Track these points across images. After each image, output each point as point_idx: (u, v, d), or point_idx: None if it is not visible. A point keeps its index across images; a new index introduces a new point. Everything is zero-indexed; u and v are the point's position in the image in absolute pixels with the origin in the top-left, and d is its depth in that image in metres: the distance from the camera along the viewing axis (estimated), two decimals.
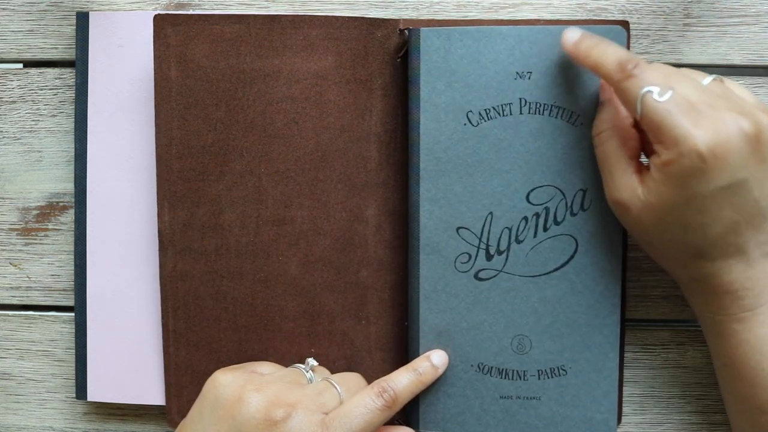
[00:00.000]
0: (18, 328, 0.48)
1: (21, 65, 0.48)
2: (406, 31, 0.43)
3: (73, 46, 0.47)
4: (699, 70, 0.39)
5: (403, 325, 0.45)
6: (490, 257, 0.42)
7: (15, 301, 0.48)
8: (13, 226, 0.48)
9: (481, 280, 0.43)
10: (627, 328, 0.46)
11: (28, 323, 0.48)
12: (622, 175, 0.38)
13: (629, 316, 0.46)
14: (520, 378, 0.43)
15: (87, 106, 0.46)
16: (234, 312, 0.44)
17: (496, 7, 0.46)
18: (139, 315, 0.46)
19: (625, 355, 0.45)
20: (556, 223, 0.42)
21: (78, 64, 0.46)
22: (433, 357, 0.43)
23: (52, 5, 0.47)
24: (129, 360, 0.46)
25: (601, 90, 0.41)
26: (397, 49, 0.44)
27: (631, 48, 0.45)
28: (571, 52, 0.39)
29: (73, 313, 0.47)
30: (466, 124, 0.42)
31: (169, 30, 0.43)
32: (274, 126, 0.44)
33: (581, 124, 0.42)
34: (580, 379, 0.43)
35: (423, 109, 0.42)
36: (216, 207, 0.44)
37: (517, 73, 0.42)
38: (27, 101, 0.48)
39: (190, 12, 0.46)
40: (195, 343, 0.45)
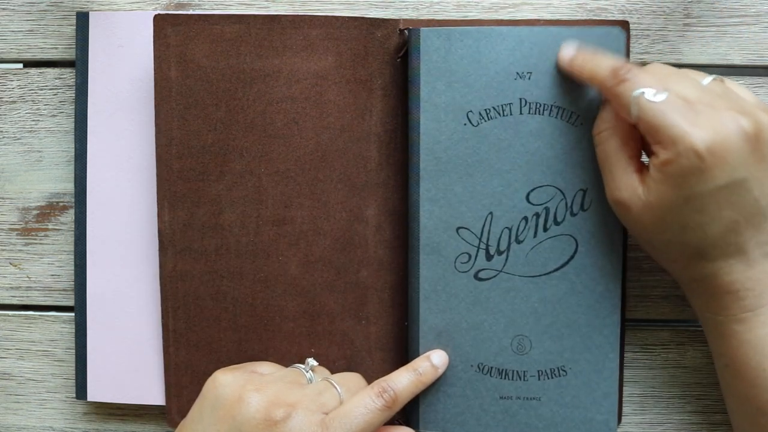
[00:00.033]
0: (18, 328, 0.48)
1: (21, 65, 0.48)
2: (406, 31, 0.43)
3: (73, 46, 0.47)
4: (699, 70, 0.39)
5: (403, 325, 0.45)
6: (490, 257, 0.42)
7: (15, 301, 0.48)
8: (13, 226, 0.48)
9: (481, 280, 0.43)
10: (627, 328, 0.46)
11: (28, 323, 0.48)
12: (622, 174, 0.38)
13: (629, 316, 0.46)
14: (520, 378, 0.43)
15: (87, 106, 0.46)
16: (234, 312, 0.44)
17: (496, 7, 0.46)
18: (139, 315, 0.46)
19: (625, 355, 0.45)
20: (556, 223, 0.42)
21: (78, 64, 0.46)
22: (433, 357, 0.43)
23: (52, 5, 0.47)
24: (129, 360, 0.46)
25: None
26: (397, 49, 0.44)
27: (631, 48, 0.45)
28: (567, 67, 0.40)
29: (73, 313, 0.47)
30: (466, 124, 0.42)
31: (169, 30, 0.43)
32: (274, 126, 0.44)
33: (581, 124, 0.42)
34: (580, 379, 0.43)
35: (423, 109, 0.42)
36: (216, 207, 0.44)
37: (517, 74, 0.42)
38: (27, 101, 0.48)
39: (190, 12, 0.46)
40: (195, 343, 0.45)
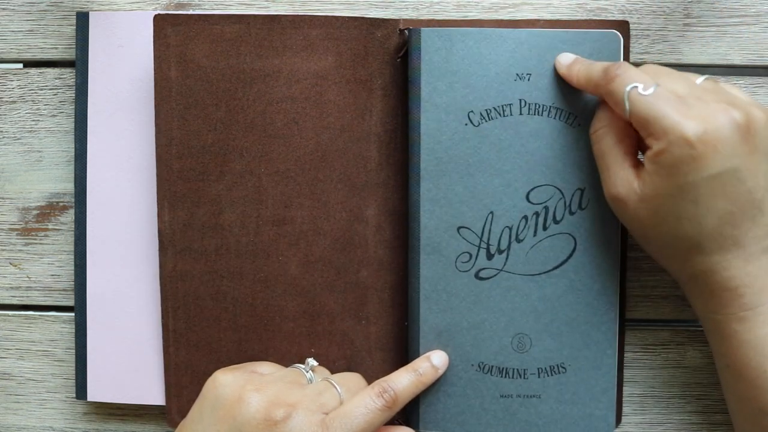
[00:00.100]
0: (18, 328, 0.48)
1: (21, 65, 0.48)
2: (406, 31, 0.43)
3: (73, 46, 0.47)
4: (699, 70, 0.39)
5: (403, 325, 0.45)
6: (490, 256, 0.42)
7: (15, 301, 0.48)
8: (13, 226, 0.48)
9: (481, 279, 0.43)
10: (627, 328, 0.46)
11: (28, 323, 0.48)
12: (619, 170, 0.38)
13: (629, 316, 0.46)
14: (521, 376, 0.43)
15: (87, 106, 0.46)
16: (234, 312, 0.44)
17: (496, 7, 0.46)
18: (139, 315, 0.46)
19: (625, 355, 0.45)
20: (555, 221, 0.42)
21: (78, 64, 0.46)
22: (433, 357, 0.43)
23: (52, 5, 0.47)
24: (129, 360, 0.46)
25: None
26: (397, 49, 0.44)
27: (631, 48, 0.45)
28: (564, 76, 0.41)
29: (73, 313, 0.47)
30: (467, 124, 0.42)
31: (169, 30, 0.43)
32: (274, 126, 0.44)
33: (578, 125, 0.42)
34: (579, 376, 0.43)
35: (423, 109, 0.42)
36: (216, 207, 0.44)
37: (517, 75, 0.42)
38: (27, 101, 0.48)
39: (190, 12, 0.46)
40: (195, 343, 0.45)
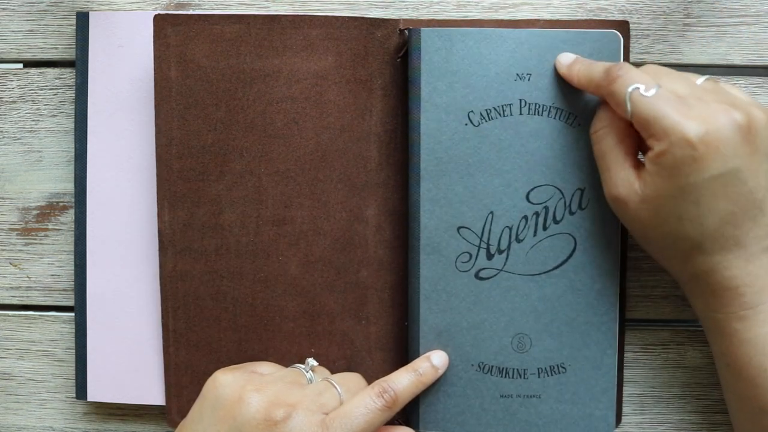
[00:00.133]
0: (18, 328, 0.48)
1: (21, 65, 0.48)
2: (406, 31, 0.43)
3: (73, 46, 0.47)
4: (699, 70, 0.39)
5: (403, 325, 0.45)
6: (490, 256, 0.42)
7: (15, 301, 0.48)
8: (13, 226, 0.48)
9: (481, 279, 0.43)
10: (627, 328, 0.46)
11: (28, 323, 0.48)
12: (619, 170, 0.38)
13: (629, 316, 0.46)
14: (521, 376, 0.43)
15: (87, 106, 0.46)
16: (234, 312, 0.44)
17: (496, 7, 0.46)
18: (139, 315, 0.46)
19: (625, 355, 0.45)
20: (555, 221, 0.42)
21: (78, 64, 0.46)
22: (433, 357, 0.43)
23: (52, 5, 0.47)
24: (129, 360, 0.46)
25: None
26: (397, 49, 0.44)
27: (631, 48, 0.45)
28: (565, 76, 0.41)
29: (73, 313, 0.47)
30: (467, 124, 0.42)
31: (169, 30, 0.43)
32: (274, 126, 0.44)
33: (578, 125, 0.42)
34: (579, 376, 0.43)
35: (423, 109, 0.42)
36: (216, 207, 0.44)
37: (517, 75, 0.42)
38: (27, 101, 0.48)
39: (190, 12, 0.46)
40: (195, 343, 0.45)
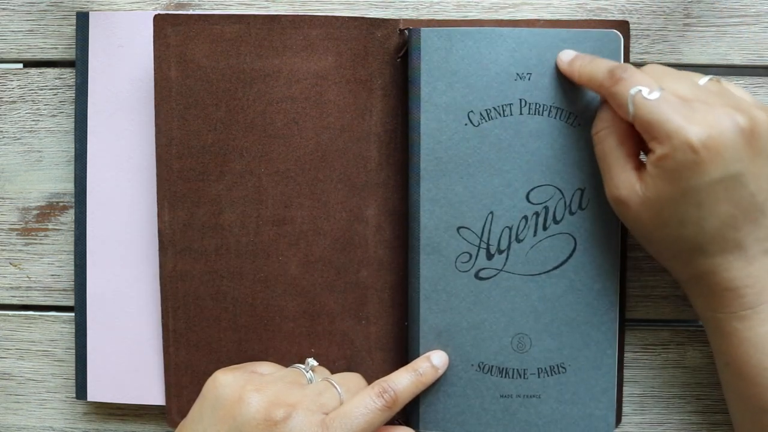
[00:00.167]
0: (18, 328, 0.48)
1: (21, 65, 0.48)
2: (406, 31, 0.43)
3: (73, 46, 0.47)
4: (699, 70, 0.39)
5: (403, 325, 0.45)
6: (490, 256, 0.42)
7: (15, 301, 0.48)
8: (13, 226, 0.48)
9: (481, 279, 0.43)
10: (627, 328, 0.46)
11: (28, 323, 0.48)
12: (620, 172, 0.38)
13: (629, 316, 0.46)
14: (520, 376, 0.43)
15: (87, 106, 0.46)
16: (234, 312, 0.44)
17: (496, 7, 0.46)
18: (139, 315, 0.46)
19: (625, 355, 0.45)
20: (556, 221, 0.42)
21: (78, 64, 0.46)
22: (433, 357, 0.43)
23: (52, 5, 0.47)
24: (129, 360, 0.46)
25: None
26: (397, 49, 0.44)
27: (631, 48, 0.45)
28: (566, 72, 0.41)
29: (73, 313, 0.47)
30: (467, 124, 0.42)
31: (169, 30, 0.43)
32: (274, 126, 0.44)
33: (579, 125, 0.42)
34: (579, 376, 0.43)
35: (423, 109, 0.42)
36: (216, 207, 0.44)
37: (517, 74, 0.42)
38: (27, 101, 0.48)
39: (190, 12, 0.46)
40: (195, 343, 0.45)
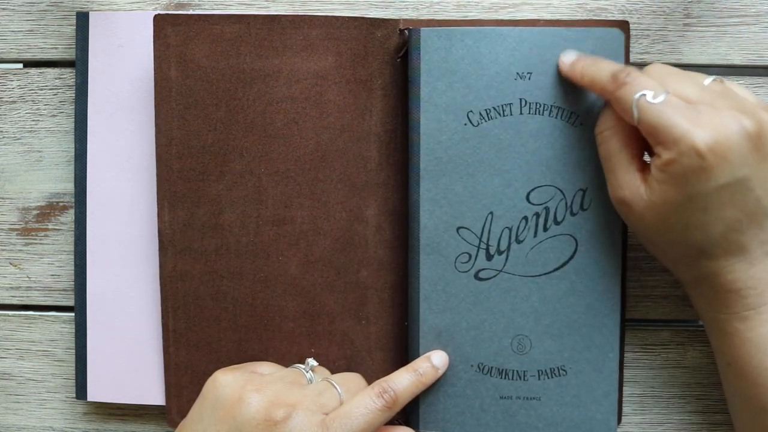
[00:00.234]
0: (18, 328, 0.48)
1: (21, 65, 0.48)
2: (406, 31, 0.43)
3: (73, 46, 0.47)
4: (699, 70, 0.39)
5: (403, 325, 0.45)
6: (490, 257, 0.42)
7: (15, 301, 0.48)
8: (13, 226, 0.48)
9: (481, 280, 0.43)
10: (627, 328, 0.46)
11: (28, 323, 0.48)
12: (624, 173, 0.38)
13: (629, 316, 0.46)
14: (520, 378, 0.43)
15: (87, 106, 0.46)
16: (234, 312, 0.44)
17: (496, 7, 0.46)
18: (139, 315, 0.46)
19: (625, 355, 0.45)
20: (556, 222, 0.42)
21: (78, 64, 0.46)
22: (433, 358, 0.43)
23: (52, 5, 0.47)
24: (129, 360, 0.46)
25: None
26: (397, 49, 0.44)
27: (631, 48, 0.45)
28: (567, 74, 0.41)
29: (73, 313, 0.47)
30: (466, 124, 0.42)
31: (169, 30, 0.43)
32: (274, 126, 0.44)
33: (580, 125, 0.42)
34: (580, 379, 0.43)
35: (423, 109, 0.42)
36: (216, 207, 0.44)
37: (517, 74, 0.42)
38: (27, 101, 0.48)
39: (190, 12, 0.46)
40: (195, 343, 0.45)
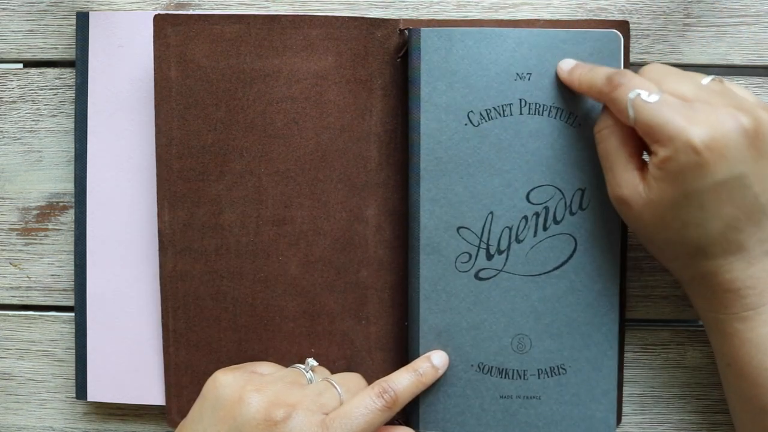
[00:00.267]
0: (18, 328, 0.48)
1: (21, 65, 0.48)
2: (406, 31, 0.43)
3: (73, 46, 0.47)
4: (699, 70, 0.39)
5: (403, 325, 0.45)
6: (490, 257, 0.42)
7: (15, 301, 0.48)
8: (13, 226, 0.48)
9: (481, 279, 0.43)
10: (627, 328, 0.46)
11: (28, 323, 0.48)
12: (623, 171, 0.38)
13: (629, 316, 0.46)
14: (520, 377, 0.43)
15: (87, 106, 0.46)
16: (234, 312, 0.44)
17: (496, 7, 0.46)
18: (139, 315, 0.46)
19: (625, 355, 0.45)
20: (556, 222, 0.42)
21: (78, 64, 0.46)
22: (433, 358, 0.43)
23: (52, 5, 0.47)
24: (129, 360, 0.46)
25: None
26: (397, 49, 0.44)
27: (631, 48, 0.45)
28: (566, 81, 0.41)
29: (73, 313, 0.47)
30: (467, 124, 0.42)
31: (169, 30, 0.43)
32: (274, 126, 0.44)
33: (579, 125, 0.42)
34: (579, 377, 0.43)
35: (423, 109, 0.42)
36: (216, 207, 0.44)
37: (517, 74, 0.42)
38: (27, 101, 0.48)
39: (190, 12, 0.46)
40: (195, 343, 0.45)
